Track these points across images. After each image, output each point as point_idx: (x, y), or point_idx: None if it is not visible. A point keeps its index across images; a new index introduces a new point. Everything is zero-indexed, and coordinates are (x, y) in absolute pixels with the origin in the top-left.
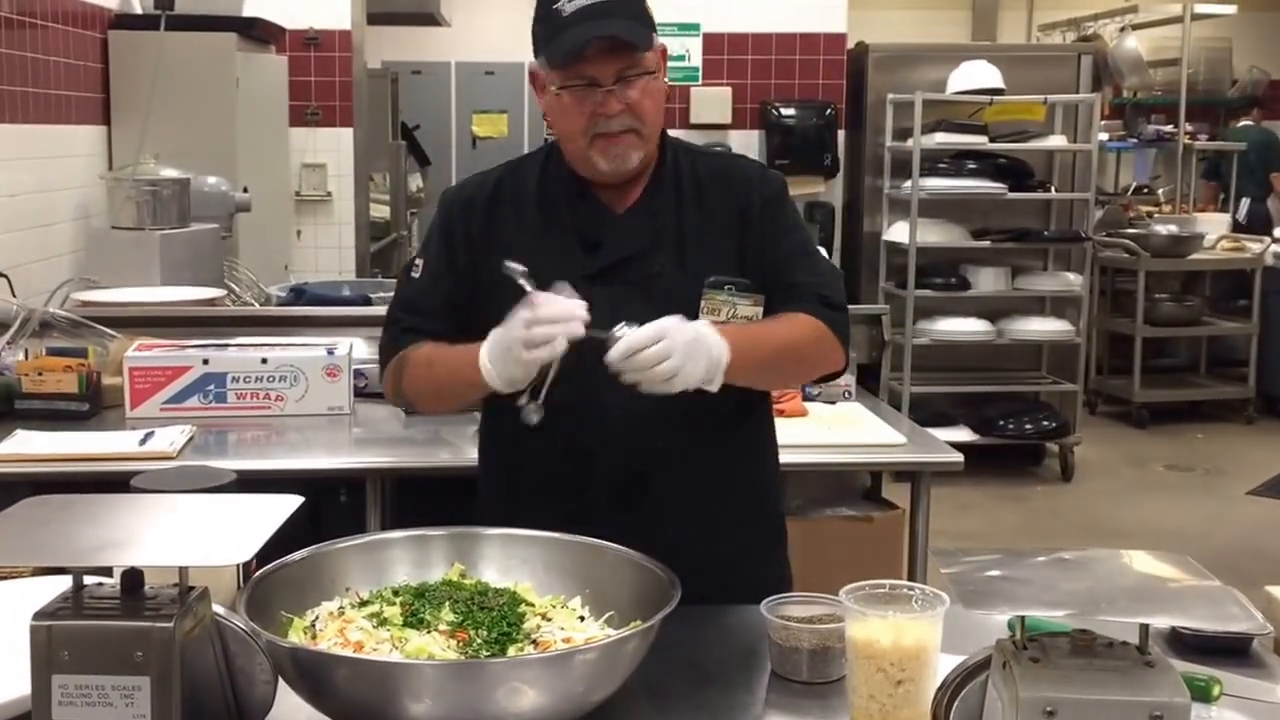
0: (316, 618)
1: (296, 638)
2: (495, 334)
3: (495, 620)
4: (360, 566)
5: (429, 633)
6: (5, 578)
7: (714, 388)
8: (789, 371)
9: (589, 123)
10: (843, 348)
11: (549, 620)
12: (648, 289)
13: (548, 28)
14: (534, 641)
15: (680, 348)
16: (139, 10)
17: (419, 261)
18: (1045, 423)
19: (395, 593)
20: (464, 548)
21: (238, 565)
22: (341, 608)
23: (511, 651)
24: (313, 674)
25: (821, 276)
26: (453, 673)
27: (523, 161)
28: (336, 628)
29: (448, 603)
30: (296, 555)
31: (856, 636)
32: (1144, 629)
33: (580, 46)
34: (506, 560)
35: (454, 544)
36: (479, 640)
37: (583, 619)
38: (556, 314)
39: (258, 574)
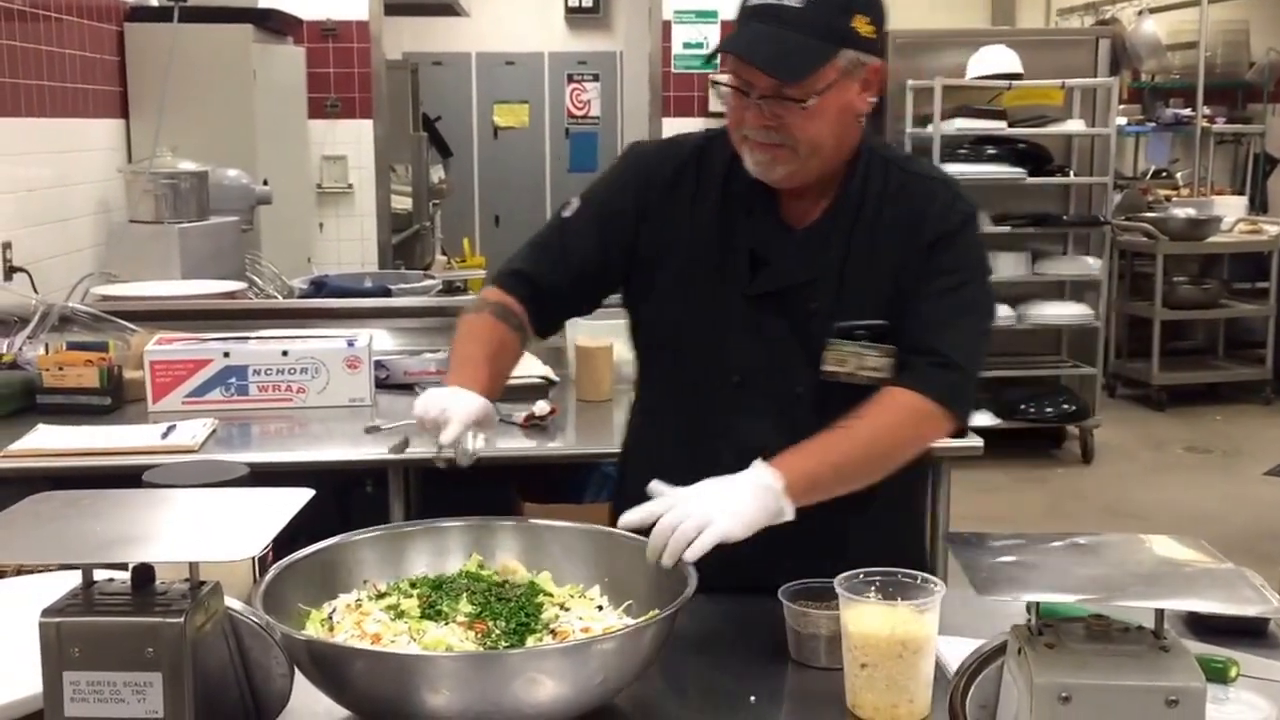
0: (334, 610)
1: (313, 630)
2: (431, 392)
3: (513, 611)
4: (377, 558)
5: (447, 624)
6: (19, 573)
7: (787, 518)
8: (880, 466)
9: (738, 122)
10: (953, 412)
11: (567, 610)
12: (801, 326)
13: (739, 13)
14: (552, 631)
15: (730, 524)
16: (154, 2)
17: (577, 202)
18: (1065, 406)
19: (413, 584)
20: (482, 538)
21: (253, 559)
22: (359, 600)
23: (530, 642)
24: (329, 667)
25: (950, 327)
26: (471, 664)
27: (717, 139)
28: (354, 620)
29: (465, 594)
30: (312, 548)
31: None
32: (1159, 613)
33: (722, 49)
34: (522, 550)
35: (471, 535)
36: (497, 631)
37: (601, 608)
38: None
39: (274, 567)
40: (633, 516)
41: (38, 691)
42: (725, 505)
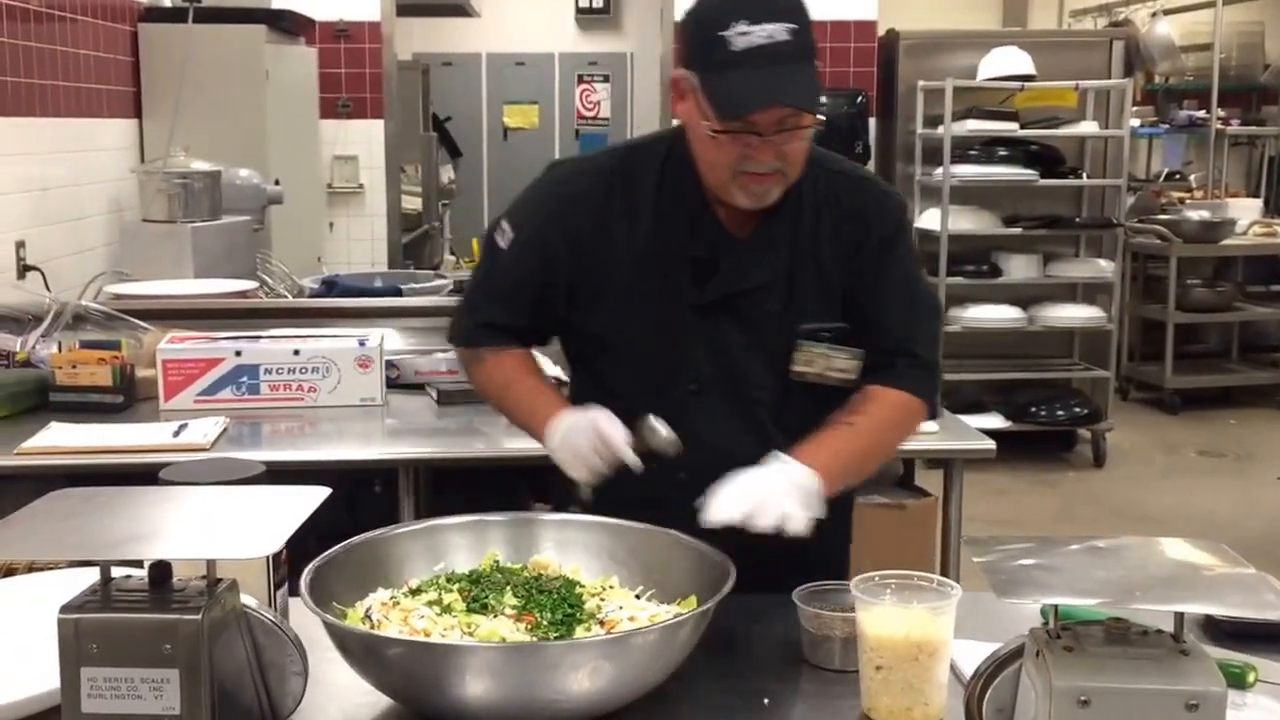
0: (369, 608)
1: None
2: (569, 425)
3: (557, 603)
4: (415, 553)
5: (496, 617)
6: (31, 570)
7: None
8: (879, 460)
9: (738, 161)
10: (930, 408)
11: (605, 600)
12: (755, 329)
13: (713, 58)
14: (600, 621)
15: (773, 512)
16: (168, 3)
17: (508, 229)
18: (1077, 409)
19: (449, 579)
20: (479, 533)
21: (266, 557)
22: (395, 597)
23: (579, 632)
24: (402, 664)
25: (917, 326)
26: (519, 655)
27: (639, 153)
28: (399, 617)
29: (509, 587)
30: (350, 543)
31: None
32: (1179, 617)
33: (756, 107)
34: (557, 544)
35: (471, 531)
36: (545, 622)
37: (638, 597)
38: (619, 461)
39: (315, 563)
40: (718, 516)
41: (54, 687)
42: (782, 491)
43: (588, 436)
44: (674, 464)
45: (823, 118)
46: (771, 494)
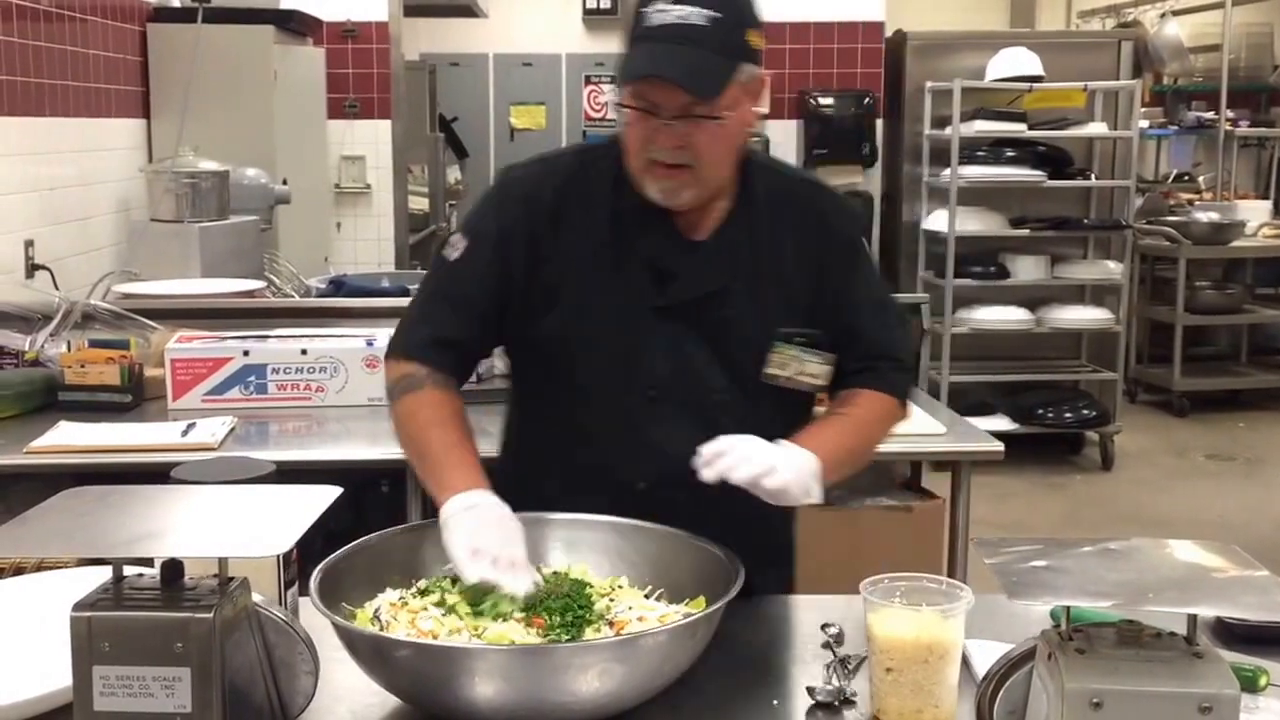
0: (378, 609)
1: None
2: (474, 506)
3: (567, 605)
4: (411, 556)
5: (506, 621)
6: (40, 569)
7: (814, 500)
8: (866, 456)
9: (644, 146)
10: (906, 408)
11: (614, 600)
12: (716, 334)
13: (632, 30)
14: (609, 622)
15: (792, 477)
16: (177, 3)
17: (461, 241)
18: (1085, 411)
19: (454, 581)
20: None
21: (277, 556)
22: (403, 598)
23: (589, 633)
24: (410, 666)
25: (893, 331)
26: (528, 657)
27: (595, 155)
28: (407, 618)
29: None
30: (359, 544)
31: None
32: (1192, 619)
33: (636, 75)
34: (566, 544)
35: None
36: (556, 623)
37: (648, 596)
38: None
39: (324, 564)
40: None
41: (65, 685)
42: (790, 463)
43: (493, 535)
44: (633, 474)
45: (756, 132)
46: (778, 463)
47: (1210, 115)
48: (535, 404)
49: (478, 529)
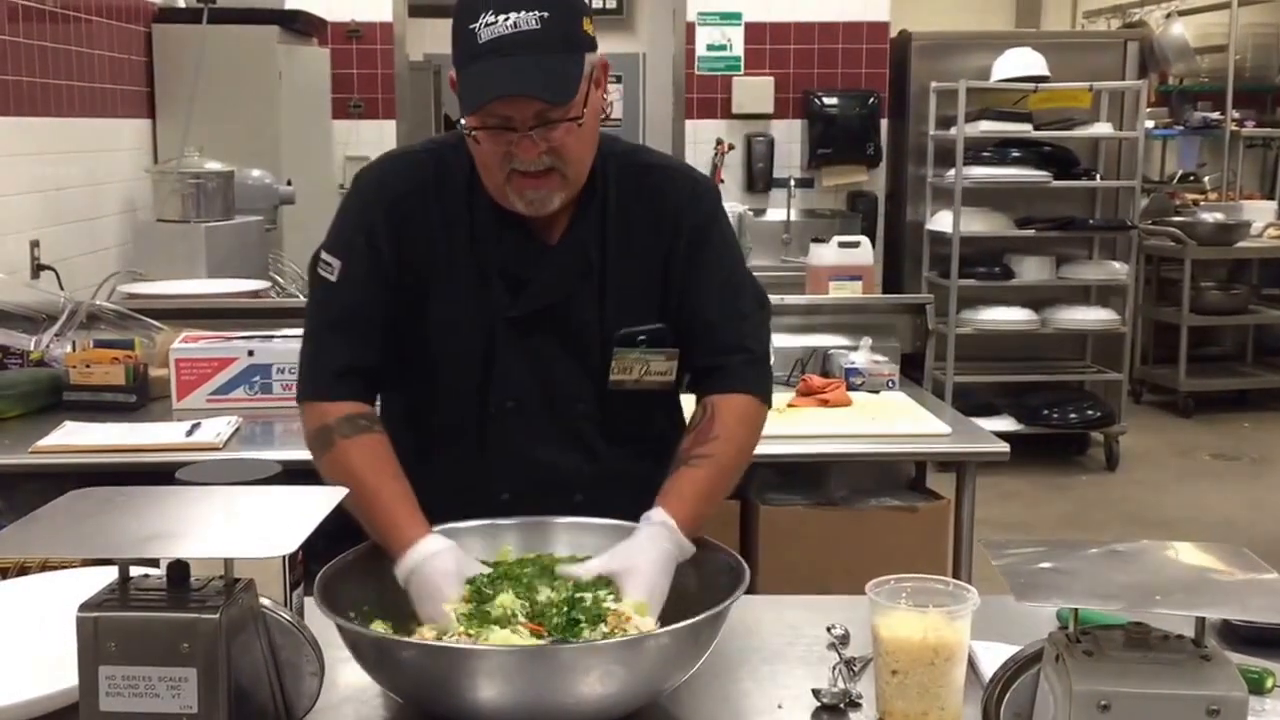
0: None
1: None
2: (414, 574)
3: (560, 607)
4: None
5: (508, 627)
6: (53, 568)
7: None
8: (738, 477)
9: (505, 160)
10: (767, 400)
11: (616, 601)
12: (570, 340)
13: (462, 49)
14: (603, 619)
15: (659, 593)
16: (182, 4)
17: (333, 259)
18: (1090, 412)
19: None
20: (492, 536)
21: (283, 557)
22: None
23: (587, 634)
24: (414, 667)
25: (743, 320)
26: (531, 659)
27: (448, 152)
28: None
29: (509, 584)
30: (363, 547)
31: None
32: (1200, 621)
33: (489, 97)
34: (552, 547)
35: (484, 534)
36: (556, 619)
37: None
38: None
39: (328, 567)
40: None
41: (71, 685)
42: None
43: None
44: (499, 485)
45: (615, 116)
46: (644, 567)
47: (1216, 116)
48: (397, 416)
49: (439, 589)
